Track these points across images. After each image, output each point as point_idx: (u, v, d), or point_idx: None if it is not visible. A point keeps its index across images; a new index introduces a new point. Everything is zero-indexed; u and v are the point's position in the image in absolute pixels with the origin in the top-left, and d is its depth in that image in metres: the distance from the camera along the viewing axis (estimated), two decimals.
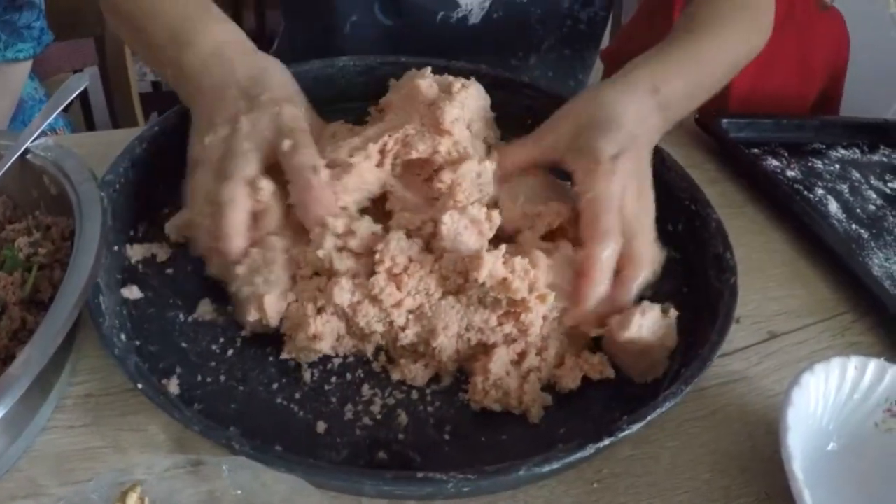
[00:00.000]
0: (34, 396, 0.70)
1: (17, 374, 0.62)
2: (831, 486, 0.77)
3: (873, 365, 0.80)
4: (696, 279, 0.92)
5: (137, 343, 0.80)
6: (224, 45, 0.91)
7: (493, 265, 0.76)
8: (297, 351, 0.79)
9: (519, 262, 0.78)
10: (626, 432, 0.68)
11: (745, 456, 0.79)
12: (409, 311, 0.79)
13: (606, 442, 0.67)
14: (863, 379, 0.80)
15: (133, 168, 0.92)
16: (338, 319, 0.79)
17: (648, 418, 0.69)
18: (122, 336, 0.77)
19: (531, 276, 0.78)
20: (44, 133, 0.86)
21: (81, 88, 0.94)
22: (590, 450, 0.67)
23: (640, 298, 0.82)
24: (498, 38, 1.35)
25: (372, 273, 0.78)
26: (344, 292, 0.77)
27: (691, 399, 0.79)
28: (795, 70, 1.69)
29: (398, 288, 0.77)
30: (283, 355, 0.80)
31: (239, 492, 0.64)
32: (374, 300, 0.77)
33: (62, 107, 0.92)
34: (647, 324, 0.79)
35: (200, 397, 0.76)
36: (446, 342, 0.78)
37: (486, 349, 0.79)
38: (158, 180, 0.96)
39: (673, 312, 0.82)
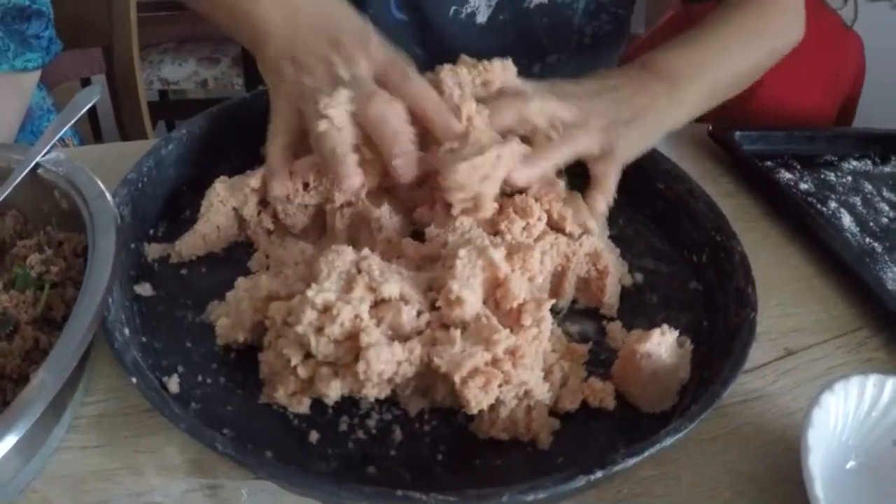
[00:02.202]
0: (48, 418, 0.69)
1: (31, 398, 0.61)
2: (851, 503, 0.76)
3: (892, 383, 0.79)
4: (716, 313, 0.90)
5: (144, 339, 0.80)
6: None
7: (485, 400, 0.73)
8: (275, 401, 0.76)
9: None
10: (621, 465, 0.66)
11: (764, 475, 0.78)
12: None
13: (599, 475, 0.65)
14: (881, 396, 0.79)
15: (157, 168, 0.94)
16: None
17: (646, 453, 0.67)
18: (127, 331, 0.76)
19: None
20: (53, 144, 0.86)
21: (91, 103, 0.94)
22: (580, 481, 0.64)
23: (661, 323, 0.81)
24: (503, 40, 1.36)
25: (355, 357, 0.71)
26: (334, 390, 0.72)
27: (711, 417, 0.77)
28: (822, 87, 1.71)
29: (388, 382, 0.73)
30: (261, 400, 0.77)
31: None
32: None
33: (72, 122, 0.92)
34: (665, 344, 0.78)
35: (199, 397, 0.76)
36: (446, 391, 0.76)
37: None
38: (182, 183, 0.98)
39: (689, 345, 0.81)
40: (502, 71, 0.93)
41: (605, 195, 0.92)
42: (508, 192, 0.90)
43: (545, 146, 0.90)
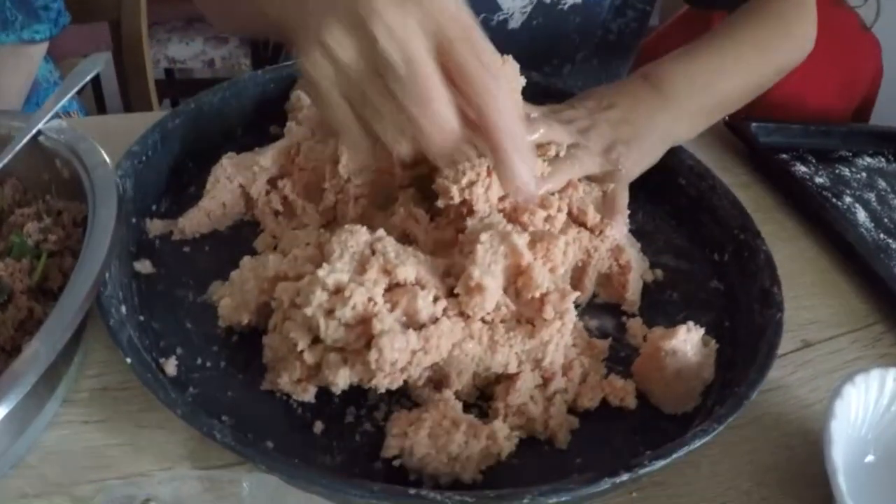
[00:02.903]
0: (40, 391, 0.67)
1: (22, 370, 0.59)
2: (869, 498, 0.74)
3: None
4: (739, 313, 0.88)
5: (142, 318, 0.77)
6: None
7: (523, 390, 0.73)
8: (279, 388, 0.72)
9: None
10: (648, 469, 0.63)
11: (783, 466, 0.77)
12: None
13: (624, 477, 0.62)
14: None
15: (163, 142, 0.91)
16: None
17: (674, 456, 0.65)
18: (123, 308, 0.74)
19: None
20: (57, 116, 0.84)
21: (97, 71, 0.93)
22: (605, 484, 0.62)
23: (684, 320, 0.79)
24: (536, 44, 1.35)
25: (367, 344, 0.67)
26: (342, 379, 0.68)
27: None
28: (836, 88, 1.70)
29: (401, 372, 0.69)
30: (263, 386, 0.74)
31: None
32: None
33: (76, 89, 0.90)
34: (691, 341, 0.76)
35: (197, 381, 0.73)
36: (460, 386, 0.73)
37: (508, 377, 0.74)
38: (188, 158, 0.96)
39: (713, 344, 0.78)
40: (503, 64, 0.89)
41: (617, 214, 0.90)
42: None
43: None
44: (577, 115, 0.97)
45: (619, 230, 0.88)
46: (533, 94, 0.95)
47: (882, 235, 1.15)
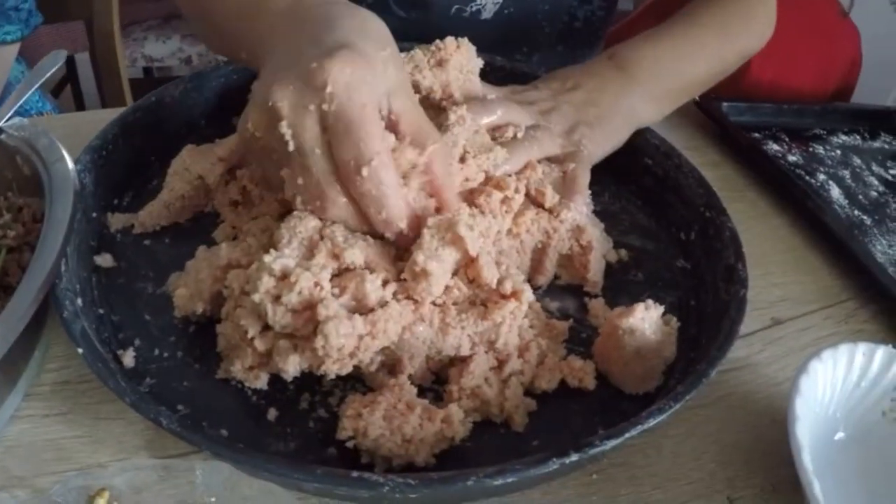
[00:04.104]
0: None
1: None
2: (838, 476, 0.74)
3: (881, 352, 0.77)
4: (705, 292, 0.87)
5: (101, 311, 0.77)
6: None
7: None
8: (233, 376, 0.72)
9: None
10: (598, 448, 0.61)
11: (749, 446, 0.77)
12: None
13: (574, 458, 0.60)
14: (871, 366, 0.77)
15: (123, 136, 0.91)
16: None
17: (626, 435, 0.63)
18: (80, 301, 0.73)
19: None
20: (29, 115, 0.84)
21: (57, 66, 0.92)
22: (553, 464, 0.60)
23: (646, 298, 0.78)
24: (507, 33, 1.35)
25: (315, 329, 0.66)
26: (292, 365, 0.67)
27: None
28: (814, 74, 1.70)
29: (350, 357, 0.68)
30: (218, 375, 0.73)
31: (213, 499, 0.61)
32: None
33: (36, 86, 0.89)
34: (650, 319, 0.75)
35: (154, 372, 0.73)
36: (413, 370, 0.73)
37: (462, 359, 0.74)
38: (151, 153, 0.95)
39: (674, 323, 0.77)
40: (456, 49, 0.90)
41: (577, 195, 0.89)
42: None
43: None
44: (539, 97, 0.97)
45: (578, 210, 0.88)
46: (497, 78, 0.96)
47: (857, 212, 1.15)
